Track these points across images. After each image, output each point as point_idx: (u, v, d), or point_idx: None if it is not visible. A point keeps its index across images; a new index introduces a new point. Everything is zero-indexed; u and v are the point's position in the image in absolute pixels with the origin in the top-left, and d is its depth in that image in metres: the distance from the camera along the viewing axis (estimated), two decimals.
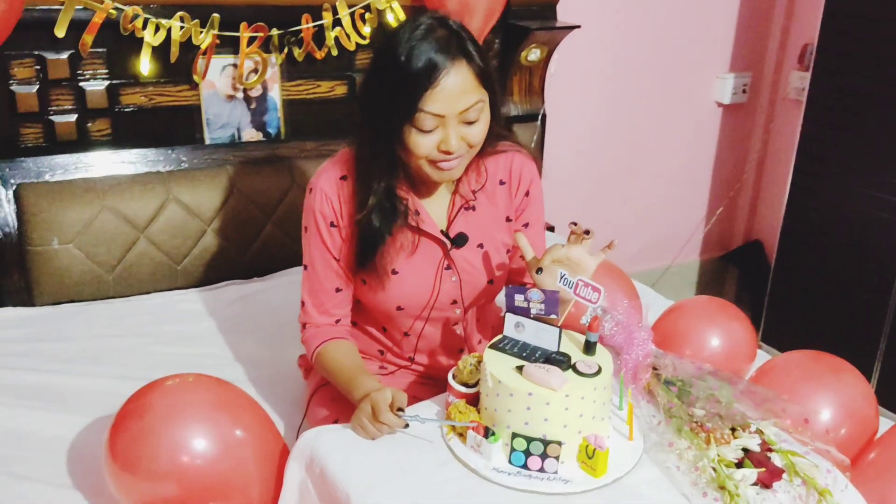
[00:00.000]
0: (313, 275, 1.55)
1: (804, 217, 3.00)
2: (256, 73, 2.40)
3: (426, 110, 1.35)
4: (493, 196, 1.59)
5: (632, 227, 3.53)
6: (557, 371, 1.28)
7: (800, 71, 3.37)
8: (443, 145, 1.38)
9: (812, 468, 1.29)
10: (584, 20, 2.82)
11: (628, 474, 1.29)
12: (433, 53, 1.34)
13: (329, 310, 1.57)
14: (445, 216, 1.56)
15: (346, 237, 1.52)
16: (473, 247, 1.57)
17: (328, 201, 1.50)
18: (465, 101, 1.36)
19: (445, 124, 1.37)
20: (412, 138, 1.38)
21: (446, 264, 1.56)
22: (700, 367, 1.47)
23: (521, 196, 1.61)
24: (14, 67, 2.13)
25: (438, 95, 1.34)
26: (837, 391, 1.59)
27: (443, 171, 1.43)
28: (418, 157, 1.41)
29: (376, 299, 1.55)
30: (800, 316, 3.07)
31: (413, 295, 1.55)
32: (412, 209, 1.51)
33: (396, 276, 1.53)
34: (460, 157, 1.42)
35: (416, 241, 1.53)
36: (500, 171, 1.59)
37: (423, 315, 1.58)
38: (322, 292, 1.56)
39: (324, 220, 1.51)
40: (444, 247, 1.55)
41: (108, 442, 1.39)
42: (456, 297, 1.58)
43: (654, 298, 2.33)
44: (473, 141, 1.42)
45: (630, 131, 3.35)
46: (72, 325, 2.10)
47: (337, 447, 1.33)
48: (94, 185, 2.19)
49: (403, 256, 1.53)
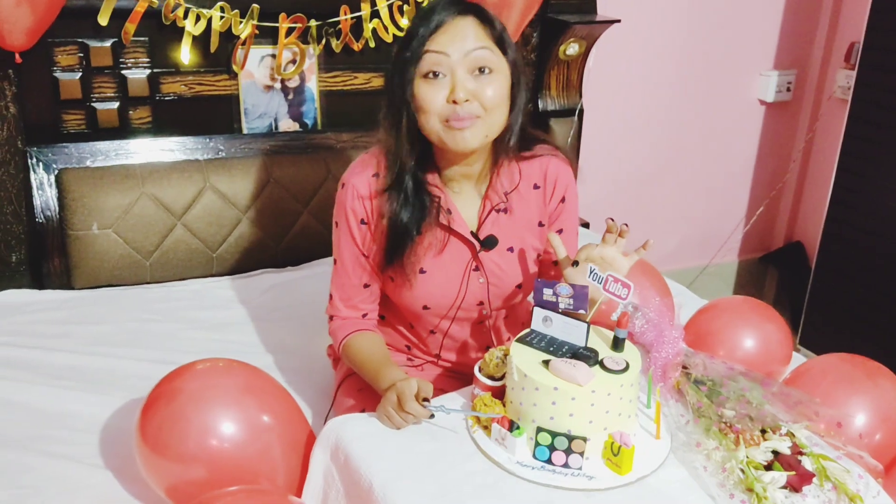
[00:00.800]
0: (342, 269, 1.56)
1: (847, 218, 2.93)
2: (294, 64, 2.42)
3: (431, 49, 1.36)
4: (526, 200, 1.56)
5: (669, 225, 3.49)
6: (584, 366, 1.27)
7: (846, 69, 3.30)
8: (451, 95, 1.37)
9: (843, 473, 1.27)
10: (624, 14, 2.79)
11: (654, 473, 1.27)
12: (442, 7, 1.39)
13: (356, 304, 1.58)
14: (476, 217, 1.54)
15: (375, 234, 1.51)
16: (503, 250, 1.55)
17: (359, 198, 1.49)
18: (473, 43, 1.37)
19: (453, 71, 1.37)
20: (422, 91, 1.38)
21: (474, 266, 1.54)
22: (731, 368, 1.45)
23: (555, 202, 1.59)
24: (58, 55, 2.17)
25: (442, 36, 1.37)
26: (873, 396, 1.55)
27: (456, 133, 1.39)
28: (430, 114, 1.39)
29: (403, 297, 1.55)
30: (840, 320, 3.01)
31: (439, 295, 1.54)
32: (444, 207, 1.49)
33: (424, 275, 1.52)
34: (476, 119, 1.39)
35: (446, 241, 1.52)
36: (534, 175, 1.56)
37: (450, 315, 1.58)
38: (350, 287, 1.56)
39: (354, 216, 1.50)
40: (473, 248, 1.53)
41: (139, 424, 1.41)
42: (483, 298, 1.57)
43: (689, 298, 2.30)
44: (487, 101, 1.38)
45: (669, 128, 3.30)
46: (109, 308, 2.14)
47: (362, 435, 1.34)
48: (134, 172, 2.23)
49: (431, 255, 1.52)
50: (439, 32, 1.37)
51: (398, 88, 1.41)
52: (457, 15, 1.38)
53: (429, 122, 1.40)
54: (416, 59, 1.37)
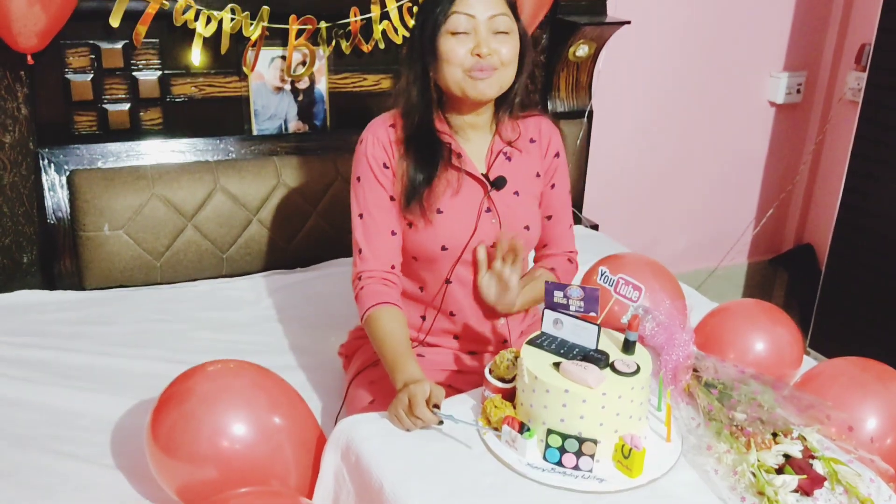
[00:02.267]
0: (369, 220, 1.61)
1: (857, 221, 2.92)
2: (304, 66, 2.42)
3: (459, 11, 1.52)
4: (526, 151, 1.70)
5: (678, 226, 3.48)
6: (595, 369, 1.27)
7: (857, 71, 3.28)
8: (476, 49, 1.52)
9: (855, 477, 1.26)
10: (634, 16, 2.79)
11: (665, 476, 1.27)
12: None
13: (386, 253, 1.61)
14: (485, 161, 1.66)
15: (397, 177, 1.61)
16: (510, 193, 1.66)
17: (379, 144, 1.61)
18: (495, 9, 1.54)
19: (477, 29, 1.52)
20: (448, 45, 1.53)
21: (486, 207, 1.63)
22: (742, 371, 1.45)
23: (550, 157, 1.73)
24: (69, 56, 2.18)
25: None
26: (884, 400, 1.54)
27: (478, 83, 1.54)
28: (454, 66, 1.53)
29: (422, 240, 1.61)
30: (850, 323, 3.00)
31: (457, 234, 1.61)
32: (455, 151, 1.61)
33: (441, 214, 1.61)
34: (494, 72, 1.54)
35: (460, 182, 1.62)
36: (530, 130, 1.72)
37: (465, 257, 1.62)
38: (378, 235, 1.61)
39: (377, 162, 1.61)
40: (486, 188, 1.63)
41: (151, 425, 1.42)
42: (495, 239, 1.63)
43: (699, 300, 2.30)
44: (504, 56, 1.55)
45: (679, 129, 3.30)
46: (120, 309, 2.15)
47: (373, 436, 1.34)
48: (145, 173, 2.24)
49: (448, 196, 1.61)
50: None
51: (427, 42, 1.55)
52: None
53: (452, 73, 1.54)
54: (445, 17, 1.52)
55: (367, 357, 1.71)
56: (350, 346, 1.84)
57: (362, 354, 1.75)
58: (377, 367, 1.64)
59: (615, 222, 3.20)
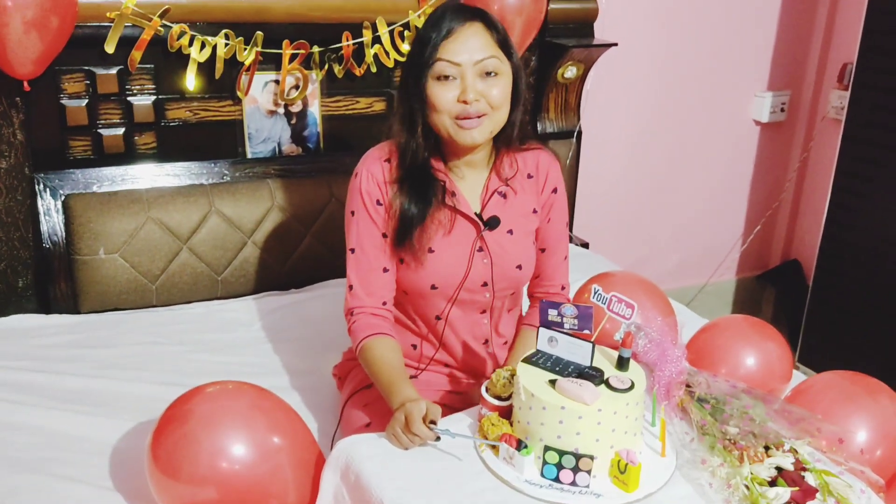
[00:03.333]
0: (361, 256, 1.61)
1: (842, 237, 2.97)
2: (297, 90, 2.45)
3: (443, 58, 1.49)
4: (522, 188, 1.68)
5: (668, 244, 3.52)
6: (590, 385, 1.30)
7: (840, 90, 3.35)
8: (461, 95, 1.50)
9: (846, 488, 1.29)
10: (621, 38, 2.84)
11: (660, 490, 1.29)
12: (451, 14, 1.52)
13: (377, 290, 1.62)
14: (479, 200, 1.64)
15: (390, 214, 1.60)
16: (504, 232, 1.65)
17: (373, 180, 1.60)
18: (481, 53, 1.50)
19: (463, 75, 1.50)
20: (435, 91, 1.51)
21: (479, 246, 1.63)
22: (734, 386, 1.47)
23: (548, 192, 1.71)
24: (65, 82, 2.20)
25: (454, 44, 1.49)
26: (873, 412, 1.57)
27: (464, 131, 1.52)
28: (441, 113, 1.51)
29: (413, 278, 1.61)
30: (837, 337, 3.04)
31: (447, 274, 1.61)
32: (449, 190, 1.60)
33: (433, 254, 1.60)
34: (483, 118, 1.52)
35: (453, 220, 1.61)
36: (528, 166, 1.69)
37: (456, 296, 1.63)
38: (370, 272, 1.61)
39: (370, 198, 1.60)
40: (478, 228, 1.62)
41: (151, 446, 1.43)
42: (487, 279, 1.63)
43: (689, 317, 2.33)
44: (493, 100, 1.52)
45: (666, 149, 3.35)
46: (115, 332, 2.16)
47: (372, 455, 1.36)
48: (140, 197, 2.26)
49: (440, 235, 1.61)
50: (450, 39, 1.50)
51: (413, 89, 1.53)
52: (465, 21, 1.51)
53: (441, 120, 1.53)
54: (430, 64, 1.50)
55: (361, 379, 1.72)
56: (344, 367, 1.85)
57: (356, 375, 1.76)
58: (372, 389, 1.66)
59: (606, 241, 3.24)
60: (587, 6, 2.77)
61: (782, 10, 3.35)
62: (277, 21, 2.34)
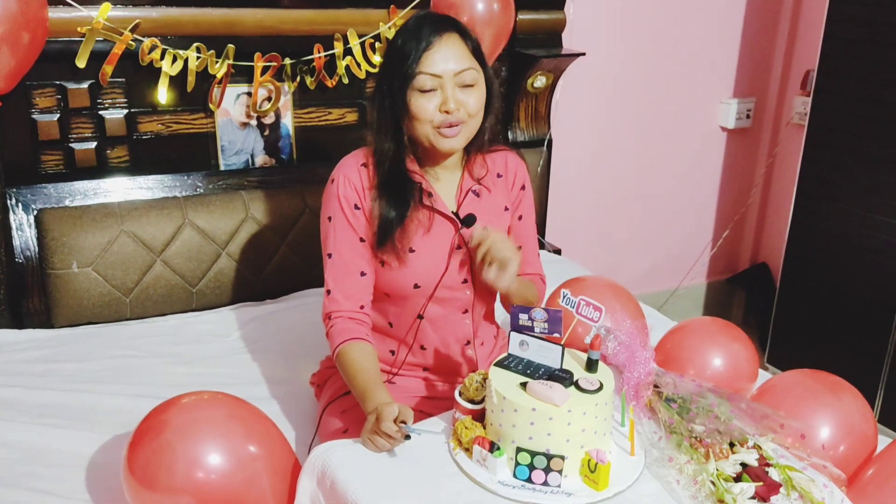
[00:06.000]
0: (338, 260, 1.64)
1: (808, 240, 3.03)
2: (270, 101, 2.47)
3: (425, 71, 1.54)
4: (494, 186, 1.74)
5: (638, 249, 3.57)
6: (560, 387, 1.33)
7: (803, 96, 3.43)
8: (443, 105, 1.55)
9: (809, 482, 1.33)
10: (589, 48, 2.89)
11: (630, 488, 1.32)
12: (428, 26, 1.56)
13: (354, 294, 1.64)
14: (455, 200, 1.69)
15: (369, 218, 1.63)
16: (480, 229, 1.66)
17: (350, 185, 1.63)
18: (460, 65, 1.56)
19: (444, 86, 1.55)
20: (416, 102, 1.55)
21: (457, 244, 1.67)
22: (700, 385, 1.51)
23: (517, 190, 1.78)
24: (36, 97, 2.20)
25: (434, 57, 1.54)
26: (836, 409, 1.62)
27: (446, 139, 1.58)
28: (423, 122, 1.56)
29: (395, 278, 1.64)
30: (805, 338, 3.10)
31: (429, 273, 1.65)
32: (426, 191, 1.65)
33: (413, 253, 1.64)
34: (461, 126, 1.58)
35: (431, 220, 1.65)
36: (497, 166, 1.76)
37: (437, 294, 1.66)
38: (347, 276, 1.63)
39: (347, 203, 1.63)
40: (456, 226, 1.67)
41: (127, 457, 1.44)
42: (467, 275, 1.68)
43: (659, 320, 2.37)
44: (471, 109, 1.58)
45: (635, 156, 3.40)
46: (90, 346, 2.16)
47: (347, 461, 1.38)
48: (113, 210, 2.26)
49: (420, 234, 1.64)
50: (431, 52, 1.54)
51: (395, 97, 1.57)
52: (443, 33, 1.56)
53: (422, 129, 1.58)
54: (412, 77, 1.54)
55: (339, 386, 1.74)
56: (322, 375, 1.87)
57: (334, 383, 1.78)
58: (349, 396, 1.68)
59: (578, 247, 3.29)
60: (555, 17, 2.82)
61: (746, 18, 3.43)
62: (248, 34, 2.36)
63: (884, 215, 2.75)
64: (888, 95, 2.70)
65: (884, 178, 2.74)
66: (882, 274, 2.77)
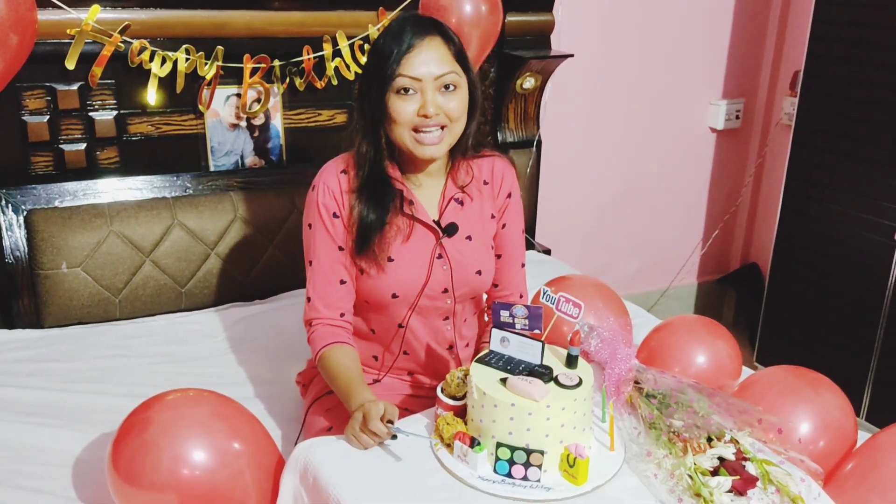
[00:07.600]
0: (318, 268, 1.63)
1: (796, 240, 3.05)
2: (259, 103, 2.49)
3: (405, 74, 1.52)
4: (479, 194, 1.72)
5: (629, 250, 3.59)
6: (540, 383, 1.34)
7: (791, 97, 3.44)
8: (422, 109, 1.53)
9: (785, 476, 1.34)
10: (577, 49, 2.91)
11: (608, 482, 1.34)
12: (410, 28, 1.54)
13: (334, 302, 1.64)
14: (437, 208, 1.67)
15: (348, 226, 1.62)
16: (463, 238, 1.68)
17: (330, 193, 1.62)
18: (441, 68, 1.54)
19: (424, 90, 1.53)
20: (394, 104, 1.54)
21: (438, 253, 1.65)
22: (680, 381, 1.52)
23: (503, 197, 1.75)
24: (26, 98, 2.22)
25: (415, 60, 1.52)
26: (816, 405, 1.63)
27: (424, 146, 1.56)
28: (401, 126, 1.54)
29: (373, 287, 1.63)
30: (793, 337, 3.12)
31: (408, 282, 1.63)
32: (407, 199, 1.63)
33: (392, 262, 1.62)
34: (441, 131, 1.56)
35: (411, 229, 1.64)
36: (483, 173, 1.73)
37: (417, 303, 1.65)
38: (327, 284, 1.63)
39: (327, 211, 1.62)
40: (437, 236, 1.65)
41: (111, 454, 1.45)
42: (447, 285, 1.66)
43: (646, 318, 2.39)
44: (452, 113, 1.56)
45: (625, 157, 3.42)
46: (79, 346, 2.17)
47: (329, 456, 1.39)
48: (102, 211, 2.27)
49: (399, 243, 1.63)
50: (411, 54, 1.52)
51: (372, 101, 1.56)
52: (425, 36, 1.54)
53: (400, 132, 1.56)
54: (391, 78, 1.52)
55: (324, 385, 1.75)
56: (307, 375, 1.88)
57: (319, 382, 1.79)
58: (334, 395, 1.68)
59: (568, 247, 3.31)
60: (544, 18, 2.84)
61: (735, 19, 3.45)
62: (238, 35, 2.38)
63: (871, 215, 2.76)
64: (875, 96, 2.72)
65: (871, 178, 2.76)
66: (869, 273, 2.79)
